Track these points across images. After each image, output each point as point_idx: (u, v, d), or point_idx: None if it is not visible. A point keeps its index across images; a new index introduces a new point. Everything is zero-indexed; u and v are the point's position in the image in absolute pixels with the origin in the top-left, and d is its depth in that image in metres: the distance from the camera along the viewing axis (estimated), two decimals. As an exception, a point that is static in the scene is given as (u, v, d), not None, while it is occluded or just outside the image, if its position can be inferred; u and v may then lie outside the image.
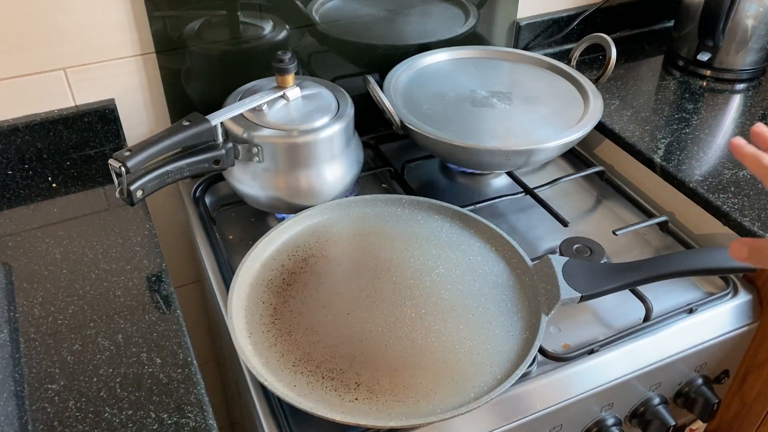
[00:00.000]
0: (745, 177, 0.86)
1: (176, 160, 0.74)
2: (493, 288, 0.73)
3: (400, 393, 0.62)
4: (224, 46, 0.88)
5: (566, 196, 0.94)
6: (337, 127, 0.80)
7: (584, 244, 0.80)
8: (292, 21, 0.90)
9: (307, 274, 0.74)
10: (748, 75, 1.08)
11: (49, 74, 0.82)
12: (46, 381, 0.60)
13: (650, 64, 1.14)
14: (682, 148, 0.92)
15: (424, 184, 0.97)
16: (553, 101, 0.93)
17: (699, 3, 1.04)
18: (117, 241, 0.75)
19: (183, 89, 0.89)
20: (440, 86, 0.95)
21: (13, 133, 0.83)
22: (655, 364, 0.72)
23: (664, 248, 0.85)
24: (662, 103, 1.03)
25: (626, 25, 1.19)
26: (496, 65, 1.01)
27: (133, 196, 0.70)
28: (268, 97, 0.79)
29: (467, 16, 1.03)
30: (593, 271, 0.70)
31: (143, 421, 0.57)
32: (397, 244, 0.78)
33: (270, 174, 0.80)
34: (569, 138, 0.84)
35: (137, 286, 0.70)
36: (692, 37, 1.08)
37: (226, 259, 0.81)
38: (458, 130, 0.86)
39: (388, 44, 0.99)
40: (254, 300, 0.71)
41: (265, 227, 0.84)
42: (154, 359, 0.62)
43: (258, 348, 0.66)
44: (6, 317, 0.66)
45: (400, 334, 0.67)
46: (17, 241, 0.75)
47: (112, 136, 0.89)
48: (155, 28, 0.83)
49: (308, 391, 0.62)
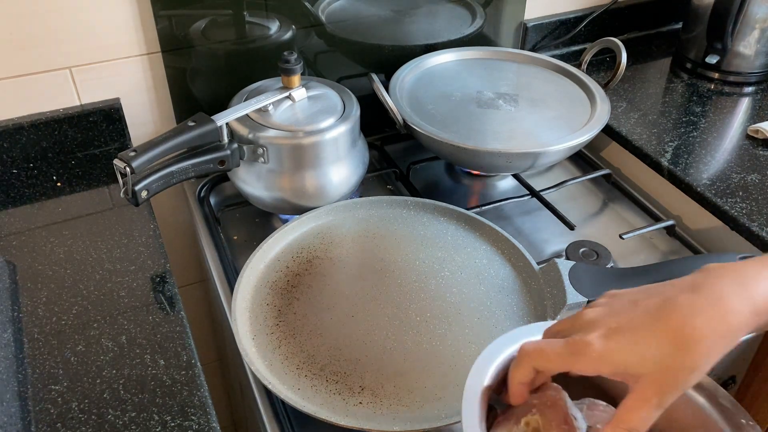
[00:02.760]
0: (753, 181, 0.85)
1: (181, 161, 0.74)
2: (499, 292, 0.72)
3: (405, 397, 0.61)
4: (230, 45, 0.88)
5: (573, 199, 0.94)
6: (343, 128, 0.79)
7: (591, 248, 0.80)
8: (298, 21, 0.90)
9: (311, 276, 0.74)
10: (757, 78, 1.07)
11: (54, 73, 0.82)
12: (50, 382, 0.60)
13: (658, 67, 1.13)
14: (689, 152, 0.91)
15: (430, 186, 0.96)
16: (559, 103, 0.92)
17: (708, 5, 1.03)
18: (121, 241, 0.75)
19: (188, 89, 0.89)
20: (446, 87, 0.95)
21: (18, 132, 0.83)
22: (662, 369, 0.72)
23: (671, 252, 0.85)
24: (670, 105, 1.02)
25: (634, 26, 1.19)
26: (503, 66, 1.01)
27: (137, 197, 0.70)
28: (274, 97, 0.79)
29: (474, 17, 1.03)
30: (600, 276, 0.70)
31: (146, 424, 0.56)
32: (402, 247, 0.77)
33: (275, 175, 0.79)
34: (575, 141, 0.83)
35: (141, 286, 0.70)
36: (701, 39, 1.07)
37: (230, 259, 0.81)
38: (462, 131, 0.85)
39: (395, 45, 0.99)
40: (258, 302, 0.71)
41: (270, 228, 0.84)
42: (157, 361, 0.62)
43: (262, 350, 0.66)
44: (10, 317, 0.66)
45: (405, 338, 0.67)
46: (21, 241, 0.75)
47: (117, 136, 0.89)
48: (161, 28, 0.83)
49: (312, 394, 0.61)
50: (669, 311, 0.39)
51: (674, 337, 0.38)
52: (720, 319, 0.38)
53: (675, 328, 0.38)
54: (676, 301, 0.39)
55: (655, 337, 0.38)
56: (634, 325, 0.39)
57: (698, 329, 0.38)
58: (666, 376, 0.38)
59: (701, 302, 0.39)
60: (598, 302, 0.43)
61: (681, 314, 0.38)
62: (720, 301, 0.38)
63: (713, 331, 0.38)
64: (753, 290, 0.39)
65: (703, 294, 0.39)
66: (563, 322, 0.44)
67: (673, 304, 0.39)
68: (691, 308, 0.38)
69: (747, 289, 0.39)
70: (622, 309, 0.41)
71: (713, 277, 0.40)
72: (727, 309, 0.38)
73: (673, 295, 0.40)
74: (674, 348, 0.38)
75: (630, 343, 0.39)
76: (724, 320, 0.38)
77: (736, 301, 0.38)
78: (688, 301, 0.39)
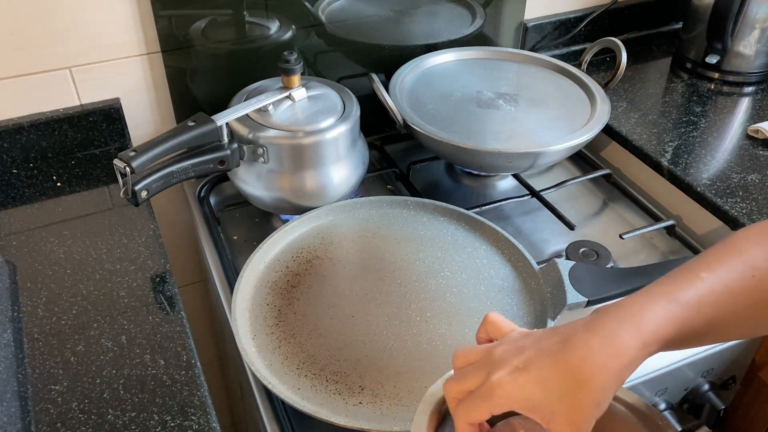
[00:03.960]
0: (753, 181, 0.85)
1: (181, 161, 0.74)
2: (499, 291, 0.72)
3: (405, 397, 0.61)
4: (230, 45, 0.88)
5: (573, 199, 0.93)
6: (343, 128, 0.79)
7: (591, 248, 0.80)
8: (298, 21, 0.90)
9: (311, 276, 0.74)
10: (757, 78, 1.07)
11: (54, 73, 0.82)
12: (50, 382, 0.60)
13: (658, 67, 1.13)
14: (689, 152, 0.91)
15: (430, 186, 0.96)
16: (559, 103, 0.92)
17: (708, 5, 1.03)
18: (121, 241, 0.75)
19: (188, 89, 0.89)
20: (446, 87, 0.95)
21: (18, 132, 0.83)
22: (662, 369, 0.72)
23: (671, 252, 0.85)
24: (670, 105, 1.02)
25: (634, 26, 1.19)
26: (503, 66, 1.01)
27: (137, 197, 0.70)
28: (274, 97, 0.79)
29: (474, 17, 1.03)
30: (600, 276, 0.70)
31: (146, 424, 0.56)
32: (402, 247, 0.77)
33: (275, 175, 0.79)
34: (575, 141, 0.83)
35: (141, 286, 0.70)
36: (701, 39, 1.07)
37: (230, 259, 0.81)
38: (462, 131, 0.85)
39: (395, 44, 0.99)
40: (258, 302, 0.71)
41: (270, 228, 0.84)
42: (157, 361, 0.62)
43: (262, 350, 0.65)
44: (10, 317, 0.66)
45: (405, 338, 0.67)
46: (21, 241, 0.75)
47: (117, 136, 0.89)
48: (161, 28, 0.83)
49: (312, 394, 0.61)
50: (568, 350, 0.42)
51: (573, 375, 0.41)
52: (613, 357, 0.41)
53: (574, 366, 0.41)
54: (574, 341, 0.42)
55: (557, 374, 0.41)
56: (538, 363, 0.42)
57: (595, 367, 0.41)
58: (574, 412, 0.41)
59: (595, 341, 0.42)
60: (505, 339, 0.45)
61: (578, 354, 0.41)
62: (612, 339, 0.42)
63: (607, 368, 0.41)
64: (640, 323, 0.42)
65: (597, 333, 0.42)
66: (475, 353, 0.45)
67: (572, 344, 0.42)
68: (587, 347, 0.41)
69: (634, 323, 0.42)
70: (526, 347, 0.43)
71: (603, 314, 0.43)
72: (618, 346, 0.41)
73: (572, 335, 0.43)
74: (576, 385, 0.41)
75: (535, 380, 0.41)
76: (617, 358, 0.41)
77: (627, 338, 0.41)
78: (583, 340, 0.42)
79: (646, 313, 0.43)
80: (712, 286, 0.44)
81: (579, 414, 0.41)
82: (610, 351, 0.41)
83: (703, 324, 0.44)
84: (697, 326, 0.44)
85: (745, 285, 0.44)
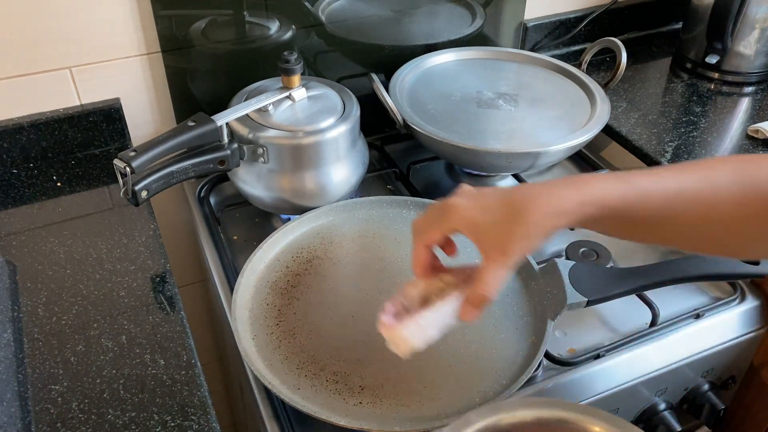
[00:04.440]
0: (753, 181, 0.85)
1: (181, 161, 0.74)
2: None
3: (405, 397, 0.61)
4: (230, 45, 0.88)
5: (572, 199, 0.93)
6: (343, 128, 0.79)
7: (591, 248, 0.80)
8: (298, 21, 0.90)
9: (311, 276, 0.74)
10: (757, 78, 1.07)
11: (54, 73, 0.82)
12: (50, 382, 0.60)
13: (658, 67, 1.13)
14: (689, 152, 0.91)
15: (430, 186, 0.96)
16: (559, 103, 0.92)
17: (708, 5, 1.03)
18: (121, 241, 0.75)
19: (188, 89, 0.89)
20: (446, 87, 0.95)
21: (18, 132, 0.83)
22: (662, 369, 0.72)
23: (671, 252, 0.85)
24: (670, 105, 1.02)
25: (634, 26, 1.19)
26: (503, 66, 1.01)
27: (137, 197, 0.70)
28: (274, 97, 0.79)
29: (474, 17, 1.03)
30: (600, 276, 0.70)
31: (146, 423, 0.56)
32: (402, 247, 0.77)
33: (275, 175, 0.79)
34: (575, 141, 0.83)
35: (141, 286, 0.70)
36: (700, 39, 1.07)
37: (230, 259, 0.81)
38: (462, 131, 0.85)
39: (395, 44, 0.99)
40: (258, 301, 0.71)
41: (270, 228, 0.84)
42: (157, 361, 0.62)
43: (262, 350, 0.65)
44: (10, 317, 0.66)
45: (405, 338, 0.67)
46: (21, 240, 0.75)
47: (117, 136, 0.89)
48: (161, 28, 0.83)
49: (312, 394, 0.61)
50: (514, 190, 0.51)
51: (511, 209, 0.49)
52: (550, 201, 0.48)
53: (513, 201, 0.50)
54: (520, 188, 0.52)
55: (497, 204, 0.50)
56: (487, 200, 0.51)
57: (531, 205, 0.49)
58: (505, 237, 0.49)
59: (539, 188, 0.50)
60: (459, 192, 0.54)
61: (520, 192, 0.50)
62: (552, 189, 0.49)
63: (541, 208, 0.48)
64: (582, 187, 0.49)
65: (544, 185, 0.50)
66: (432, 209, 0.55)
67: (519, 187, 0.53)
68: (530, 190, 0.50)
69: (577, 186, 0.49)
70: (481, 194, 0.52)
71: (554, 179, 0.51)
72: (558, 196, 0.49)
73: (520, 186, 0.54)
74: (511, 216, 0.49)
75: (481, 206, 0.51)
76: (553, 204, 0.48)
77: (565, 191, 0.49)
78: (528, 188, 0.51)
79: (595, 182, 0.49)
80: (666, 183, 0.48)
81: (509, 240, 0.49)
82: (549, 197, 0.49)
83: (647, 213, 0.48)
84: (640, 212, 0.48)
85: (699, 195, 0.48)
